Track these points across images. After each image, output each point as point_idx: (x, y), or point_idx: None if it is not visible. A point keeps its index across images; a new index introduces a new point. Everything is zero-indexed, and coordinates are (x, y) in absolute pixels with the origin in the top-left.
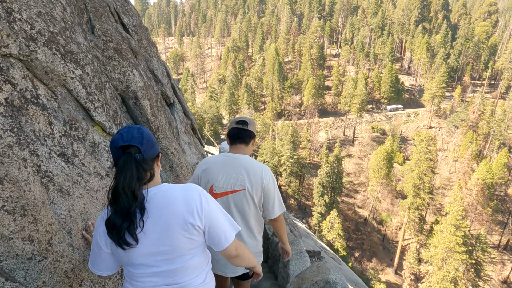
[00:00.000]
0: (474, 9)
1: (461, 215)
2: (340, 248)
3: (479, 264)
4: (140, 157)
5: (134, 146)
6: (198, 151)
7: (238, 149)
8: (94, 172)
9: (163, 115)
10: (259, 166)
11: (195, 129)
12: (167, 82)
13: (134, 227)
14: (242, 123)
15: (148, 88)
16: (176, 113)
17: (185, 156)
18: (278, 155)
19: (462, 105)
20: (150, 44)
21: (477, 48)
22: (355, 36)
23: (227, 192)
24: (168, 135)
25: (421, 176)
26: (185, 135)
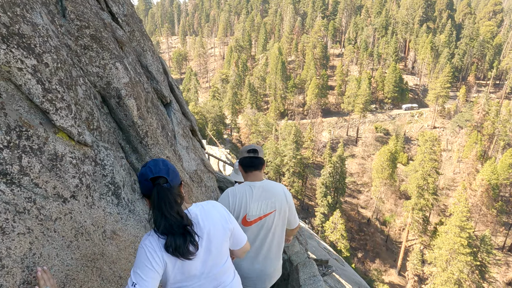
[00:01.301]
0: (479, 9)
1: (465, 216)
2: (343, 249)
3: (484, 266)
4: (168, 186)
5: (162, 177)
6: (197, 156)
7: (255, 176)
8: (53, 194)
9: (155, 117)
10: (280, 187)
11: (195, 131)
12: (163, 79)
13: (193, 237)
14: (253, 152)
15: (136, 85)
16: (173, 114)
17: (181, 163)
18: (281, 155)
19: (466, 105)
20: (143, 37)
21: (481, 48)
22: (359, 36)
23: (261, 217)
24: (159, 140)
25: (425, 176)
26: (183, 139)
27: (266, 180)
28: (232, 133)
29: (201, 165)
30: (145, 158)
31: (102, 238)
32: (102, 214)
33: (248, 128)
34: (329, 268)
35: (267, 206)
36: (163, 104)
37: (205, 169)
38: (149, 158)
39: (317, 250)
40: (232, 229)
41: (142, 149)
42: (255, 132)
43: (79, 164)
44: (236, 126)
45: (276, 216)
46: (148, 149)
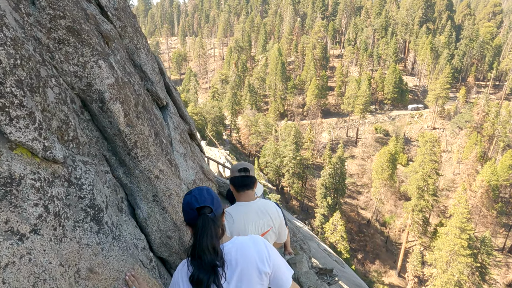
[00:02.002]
0: (478, 10)
1: (466, 217)
2: (343, 250)
3: (484, 268)
4: (212, 215)
5: (207, 206)
6: (196, 164)
7: (248, 196)
8: (4, 231)
9: (147, 123)
10: (272, 204)
11: (194, 135)
12: (159, 80)
13: (219, 278)
14: (245, 171)
15: (123, 87)
16: (170, 118)
17: (177, 173)
18: (281, 156)
19: (466, 106)
20: (137, 33)
21: (481, 49)
22: (359, 37)
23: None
24: (151, 151)
25: (425, 178)
26: (180, 145)
27: (258, 199)
28: (232, 134)
29: (200, 173)
30: (134, 172)
31: (74, 281)
32: (76, 248)
33: (248, 128)
34: (334, 277)
35: (264, 225)
36: (159, 107)
37: (205, 178)
38: (139, 172)
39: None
40: (270, 273)
41: (131, 162)
42: (255, 132)
43: (46, 187)
44: (236, 126)
45: (271, 234)
46: (138, 162)
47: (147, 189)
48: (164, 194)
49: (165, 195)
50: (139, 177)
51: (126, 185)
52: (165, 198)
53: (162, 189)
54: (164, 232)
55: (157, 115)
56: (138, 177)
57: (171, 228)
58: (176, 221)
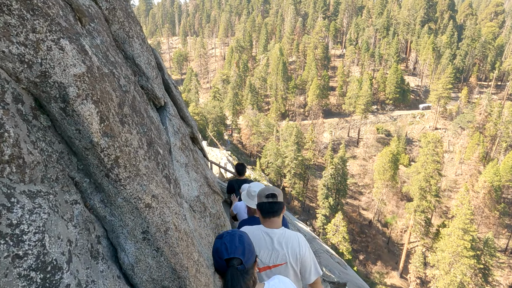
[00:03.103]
0: (480, 10)
1: (469, 218)
2: (345, 251)
3: (487, 269)
4: (243, 268)
5: (237, 258)
6: (200, 174)
7: (273, 223)
8: None
9: (137, 129)
10: (296, 238)
11: (197, 138)
12: (156, 76)
13: None
14: (272, 196)
15: (100, 80)
16: (169, 120)
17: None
18: (282, 156)
19: (468, 106)
20: (130, 19)
21: (483, 49)
22: (360, 37)
23: (270, 266)
24: (141, 168)
25: (427, 178)
26: (181, 153)
27: (283, 228)
28: (233, 134)
29: (205, 186)
30: (115, 200)
31: None
32: None
33: (249, 129)
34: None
35: (278, 257)
36: (156, 108)
37: (210, 191)
38: (123, 200)
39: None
40: None
41: (110, 186)
42: (256, 133)
43: None
44: (237, 127)
45: (286, 270)
46: (121, 186)
47: (135, 223)
48: (159, 230)
49: (159, 230)
50: (122, 207)
51: (104, 219)
52: (159, 235)
53: (155, 223)
54: (158, 283)
55: (153, 117)
56: (122, 207)
57: (168, 276)
58: (176, 265)
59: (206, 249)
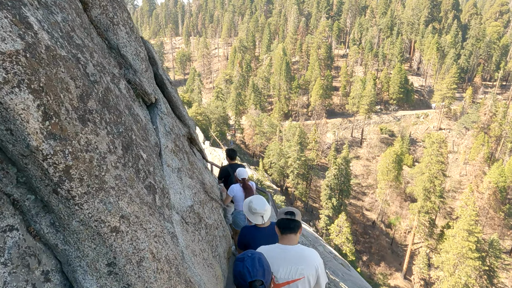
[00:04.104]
0: (485, 9)
1: (474, 220)
2: (348, 252)
3: (492, 271)
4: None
5: (259, 280)
6: (195, 180)
7: (290, 240)
8: None
9: (108, 129)
10: (312, 255)
11: (195, 139)
12: (146, 69)
13: None
14: (291, 214)
15: (49, 63)
16: (160, 119)
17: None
18: (285, 157)
19: (473, 106)
20: (114, 3)
21: (488, 49)
22: (364, 36)
23: (289, 281)
24: (107, 181)
25: (432, 179)
26: (174, 156)
27: (299, 245)
28: (236, 134)
29: (201, 192)
30: (69, 224)
31: None
32: None
33: (252, 129)
34: None
35: (296, 272)
36: (146, 105)
37: (207, 198)
38: (79, 223)
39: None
40: None
41: (62, 206)
42: (259, 133)
43: None
44: (240, 127)
45: (303, 284)
46: (75, 205)
47: (97, 253)
48: (130, 260)
49: (130, 261)
50: (79, 232)
51: (56, 247)
52: (131, 268)
53: (125, 252)
54: None
55: (138, 115)
56: (78, 233)
57: None
58: None
59: (200, 268)
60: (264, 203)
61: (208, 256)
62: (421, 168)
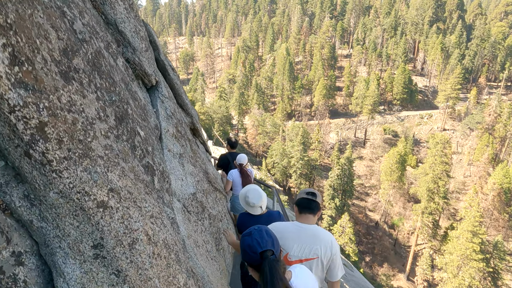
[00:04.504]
0: (490, 9)
1: (478, 221)
2: (351, 253)
3: (497, 273)
4: (274, 257)
5: (270, 250)
6: (198, 168)
7: (307, 219)
8: None
9: (97, 94)
10: (329, 236)
11: (198, 130)
12: (146, 49)
13: None
14: (312, 195)
15: (21, 1)
16: (161, 102)
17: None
18: (288, 156)
19: (477, 107)
20: None
21: (493, 49)
22: (367, 36)
23: (302, 260)
24: (94, 148)
25: (435, 180)
26: (175, 142)
27: (316, 226)
28: (239, 133)
29: (204, 181)
30: (47, 196)
31: None
32: None
33: (255, 128)
34: None
35: (310, 251)
36: (146, 88)
37: (210, 188)
38: (58, 194)
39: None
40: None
41: (36, 173)
42: (262, 133)
43: None
44: (243, 126)
45: (317, 264)
46: (53, 172)
47: (80, 232)
48: (120, 242)
49: (121, 243)
50: (59, 206)
51: (31, 225)
52: (121, 251)
53: (115, 231)
54: None
55: (136, 93)
56: (58, 207)
57: None
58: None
59: (203, 260)
60: (260, 195)
61: (211, 248)
62: (424, 169)
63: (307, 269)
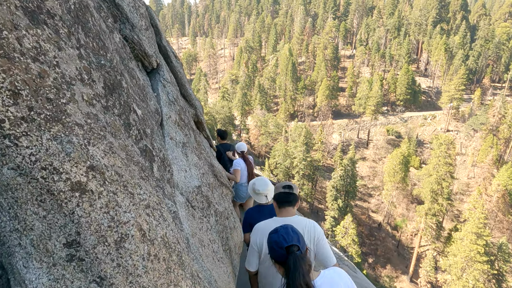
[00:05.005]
0: (494, 10)
1: (482, 223)
2: (354, 254)
3: (501, 275)
4: (300, 253)
5: (295, 245)
6: (203, 161)
7: (288, 212)
8: None
9: (79, 52)
10: (311, 222)
11: (202, 123)
12: (146, 27)
13: None
14: (289, 188)
15: None
16: (163, 87)
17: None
18: (291, 157)
19: (481, 108)
20: None
21: (497, 50)
22: (371, 37)
23: None
24: (71, 113)
25: (439, 181)
26: (179, 130)
27: (297, 216)
28: (242, 134)
29: (210, 175)
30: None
31: None
32: None
33: (258, 129)
34: None
35: None
36: (147, 72)
37: (216, 182)
38: (14, 170)
39: None
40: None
41: None
42: (265, 133)
43: None
44: (246, 127)
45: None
46: (6, 139)
47: (48, 225)
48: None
49: (105, 240)
50: (16, 188)
51: None
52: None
53: (96, 224)
54: None
55: (134, 70)
56: (15, 190)
57: None
58: None
59: (209, 262)
60: (266, 184)
61: (218, 248)
62: (428, 170)
63: (342, 273)
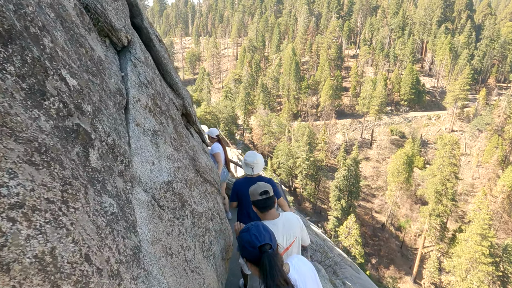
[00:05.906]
0: (499, 9)
1: (487, 224)
2: (357, 255)
3: (506, 277)
4: (272, 251)
5: (267, 243)
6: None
7: (271, 214)
8: None
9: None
10: (295, 216)
11: (191, 116)
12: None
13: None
14: (265, 193)
15: None
16: (133, 67)
17: (122, 167)
18: (294, 157)
19: (486, 108)
20: None
21: (502, 49)
22: (375, 37)
23: (287, 247)
24: None
25: (443, 181)
26: (149, 116)
27: (282, 213)
28: (245, 133)
29: (189, 170)
30: None
31: None
32: None
33: (261, 128)
34: None
35: (290, 236)
36: (116, 50)
37: (198, 178)
38: None
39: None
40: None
41: None
42: (268, 133)
43: None
44: (249, 126)
45: (296, 244)
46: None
47: None
48: None
49: None
50: None
51: None
52: None
53: None
54: None
55: (86, 39)
56: None
57: None
58: None
59: (175, 274)
60: (255, 156)
61: (193, 257)
62: (432, 170)
63: (304, 260)
